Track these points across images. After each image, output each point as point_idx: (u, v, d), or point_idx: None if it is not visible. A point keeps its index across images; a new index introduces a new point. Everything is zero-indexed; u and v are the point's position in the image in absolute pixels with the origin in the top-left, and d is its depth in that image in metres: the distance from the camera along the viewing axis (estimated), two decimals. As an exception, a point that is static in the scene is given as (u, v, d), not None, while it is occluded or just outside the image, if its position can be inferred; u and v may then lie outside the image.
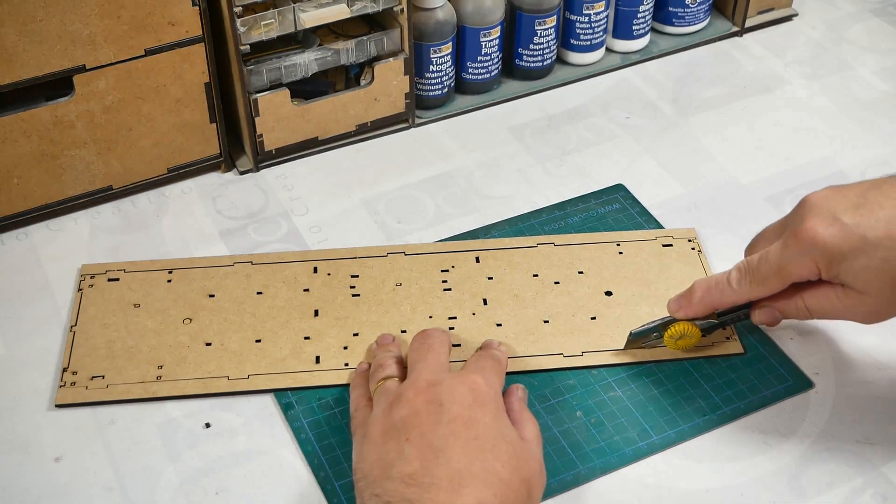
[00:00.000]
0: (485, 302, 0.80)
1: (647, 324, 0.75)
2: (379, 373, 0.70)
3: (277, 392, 0.75)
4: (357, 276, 0.82)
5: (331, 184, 0.93)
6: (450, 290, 0.81)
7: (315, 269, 0.82)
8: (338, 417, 0.73)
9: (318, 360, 0.76)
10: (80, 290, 0.80)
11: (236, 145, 0.95)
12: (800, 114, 1.00)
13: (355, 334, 0.78)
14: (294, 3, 0.87)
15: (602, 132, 0.98)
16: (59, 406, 0.73)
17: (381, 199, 0.91)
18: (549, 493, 0.69)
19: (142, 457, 0.71)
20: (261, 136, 0.92)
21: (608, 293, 0.80)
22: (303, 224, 0.89)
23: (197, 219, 0.89)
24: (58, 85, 0.83)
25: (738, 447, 0.72)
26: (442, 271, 0.82)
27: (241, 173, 0.94)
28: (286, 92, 0.90)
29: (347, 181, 0.93)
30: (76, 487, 0.69)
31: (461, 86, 1.01)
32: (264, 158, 0.93)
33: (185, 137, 0.90)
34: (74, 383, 0.74)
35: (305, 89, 0.92)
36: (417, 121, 0.99)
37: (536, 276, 0.82)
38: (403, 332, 0.77)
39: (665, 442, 0.72)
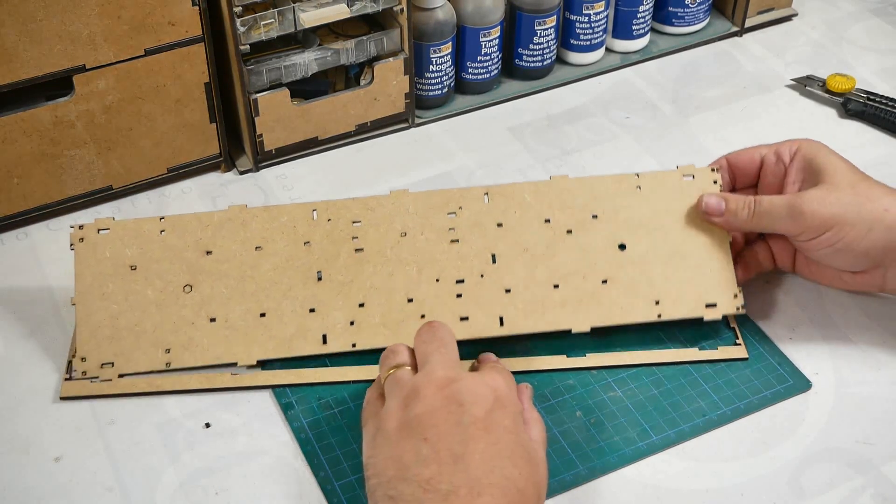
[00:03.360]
0: (493, 259, 0.77)
1: None
2: (390, 359, 0.68)
3: (277, 391, 0.75)
4: (359, 223, 0.78)
5: (331, 184, 0.93)
6: (457, 241, 0.77)
7: (314, 214, 0.78)
8: (338, 417, 0.73)
9: (324, 339, 0.75)
10: (72, 247, 0.77)
11: (236, 145, 0.95)
12: (799, 114, 1.00)
13: (361, 305, 0.76)
14: (294, 3, 0.87)
15: (602, 132, 0.98)
16: (63, 399, 0.74)
17: (381, 199, 0.91)
18: (549, 493, 0.68)
19: (142, 457, 0.71)
20: (261, 135, 0.92)
21: (622, 247, 0.78)
22: (303, 224, 0.89)
23: (197, 219, 0.89)
24: (58, 85, 0.83)
25: (738, 447, 0.72)
26: (448, 214, 0.78)
27: (241, 173, 0.94)
28: (286, 92, 0.90)
29: (347, 181, 0.93)
30: (76, 487, 0.69)
31: (461, 86, 1.01)
32: (264, 158, 0.93)
33: (185, 137, 0.90)
34: (86, 372, 0.74)
35: (305, 89, 0.92)
36: (417, 121, 0.99)
37: (548, 221, 0.78)
38: (410, 300, 0.76)
39: (665, 442, 0.72)
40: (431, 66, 0.96)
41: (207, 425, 0.73)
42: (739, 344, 0.77)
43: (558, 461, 0.70)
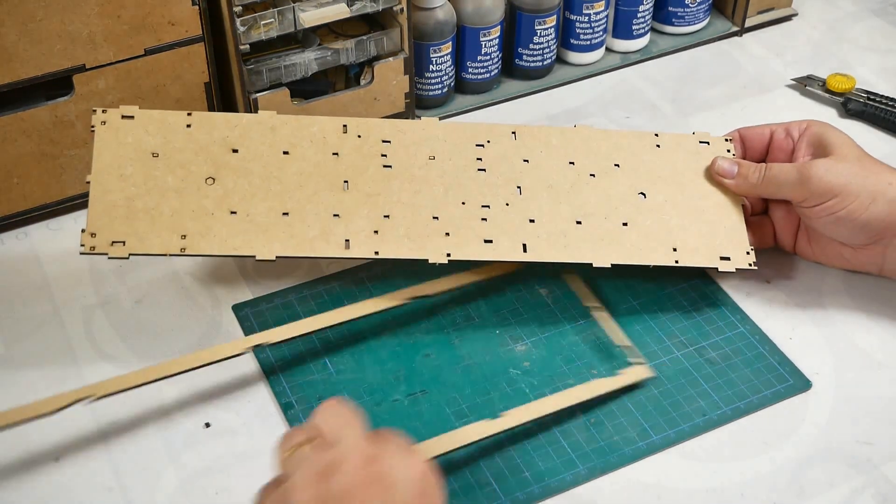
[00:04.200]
0: (519, 191, 0.77)
1: None
2: (289, 440, 0.58)
3: (277, 391, 0.75)
4: (389, 143, 0.77)
5: (331, 184, 0.93)
6: (484, 170, 0.78)
7: (345, 129, 0.78)
8: (338, 417, 0.73)
9: (347, 244, 0.74)
10: (92, 129, 0.75)
11: (236, 145, 0.95)
12: (799, 114, 1.00)
13: (386, 216, 0.75)
14: (294, 2, 0.87)
15: (602, 132, 0.98)
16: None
17: (381, 198, 0.91)
18: (549, 493, 0.69)
19: (142, 457, 0.71)
20: (261, 135, 0.91)
21: (642, 194, 0.79)
22: (303, 224, 0.89)
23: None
24: (58, 85, 0.83)
25: (738, 447, 0.72)
26: (477, 146, 0.79)
27: (241, 173, 0.94)
28: (286, 92, 0.90)
29: (347, 181, 0.93)
30: (76, 487, 0.69)
31: (461, 85, 1.01)
32: (264, 158, 0.93)
33: (184, 137, 0.90)
34: (94, 248, 0.72)
35: (305, 89, 0.92)
36: (417, 121, 0.99)
37: (573, 163, 0.79)
38: (435, 218, 0.75)
39: (665, 442, 0.72)
40: (431, 66, 0.96)
41: (207, 425, 0.73)
42: (642, 363, 0.76)
43: (558, 461, 0.70)
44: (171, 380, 0.72)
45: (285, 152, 0.76)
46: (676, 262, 0.77)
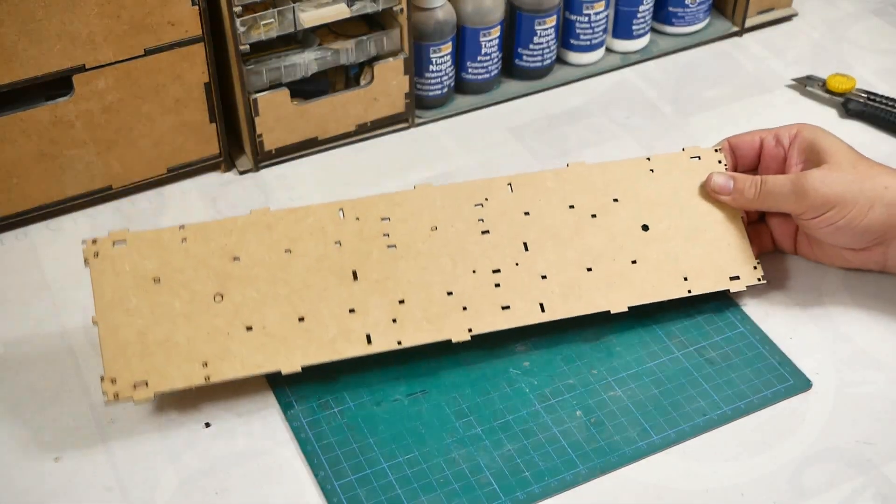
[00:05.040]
0: (525, 247, 0.77)
1: None
2: None
3: (277, 391, 0.74)
4: (388, 220, 0.76)
5: (331, 184, 0.93)
6: (487, 232, 0.77)
7: (342, 213, 0.76)
8: (337, 417, 0.73)
9: (368, 339, 0.73)
10: (86, 264, 0.72)
11: (236, 145, 0.95)
12: (799, 114, 1.00)
13: (401, 301, 0.74)
14: (294, 3, 0.87)
15: (602, 132, 0.98)
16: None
17: (381, 199, 0.91)
18: (549, 493, 0.69)
19: (142, 457, 0.71)
20: (260, 135, 0.91)
21: (645, 227, 0.79)
22: (303, 224, 0.89)
23: (197, 219, 0.89)
24: (57, 85, 0.83)
25: (738, 447, 0.72)
26: (475, 206, 0.78)
27: (241, 173, 0.94)
28: (286, 92, 0.90)
29: (347, 181, 0.93)
30: (76, 487, 0.69)
31: (461, 86, 1.01)
32: (264, 158, 0.93)
33: (184, 137, 0.90)
34: (118, 395, 0.69)
35: (305, 89, 0.92)
36: (417, 121, 0.99)
37: (572, 207, 0.79)
38: (450, 293, 0.75)
39: (665, 442, 0.72)
40: (431, 66, 0.96)
41: (207, 425, 0.73)
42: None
43: (558, 461, 0.70)
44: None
45: (287, 250, 0.74)
46: (689, 291, 0.78)
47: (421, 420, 0.73)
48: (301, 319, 0.73)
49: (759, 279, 0.79)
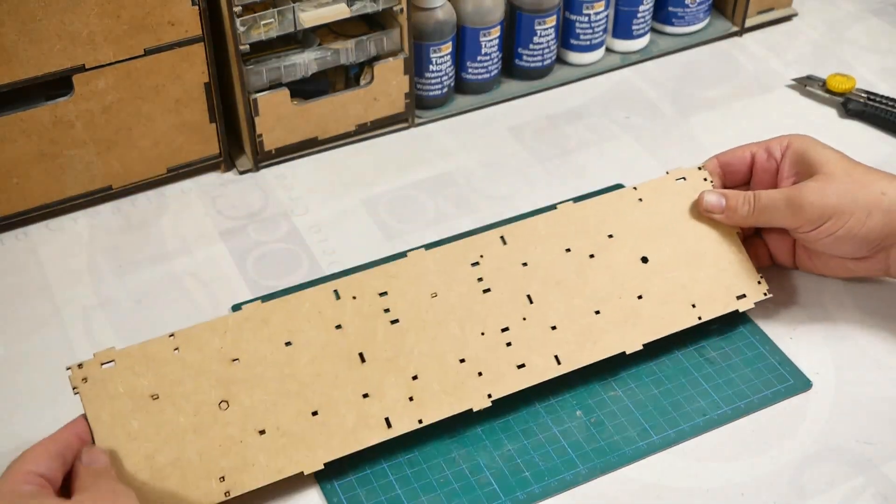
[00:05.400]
0: (530, 300, 0.75)
1: None
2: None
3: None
4: (386, 294, 0.73)
5: (331, 184, 0.93)
6: (489, 290, 0.75)
7: (337, 295, 0.73)
8: (338, 417, 0.73)
9: (388, 422, 0.70)
10: (76, 392, 0.67)
11: (236, 145, 0.95)
12: (799, 114, 1.00)
13: (415, 377, 0.71)
14: (294, 2, 0.87)
15: (602, 132, 0.98)
16: None
17: (381, 199, 0.91)
18: (549, 493, 0.69)
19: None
20: (260, 135, 0.91)
21: (644, 259, 0.78)
22: (302, 224, 0.89)
23: (196, 219, 0.89)
24: (57, 84, 0.83)
25: (738, 447, 0.72)
26: (472, 265, 0.75)
27: (241, 173, 0.94)
28: (286, 92, 0.90)
29: (347, 181, 0.93)
30: (76, 487, 0.69)
31: (461, 86, 1.01)
32: (264, 158, 0.93)
33: (184, 137, 0.90)
34: None
35: (305, 89, 0.92)
36: (417, 121, 0.99)
37: (569, 250, 0.77)
38: (462, 360, 0.72)
39: (665, 442, 0.72)
40: (431, 66, 0.96)
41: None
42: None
43: (558, 461, 0.70)
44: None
45: (288, 343, 0.70)
46: (700, 318, 0.77)
47: (421, 420, 0.73)
48: (315, 413, 0.69)
49: (764, 293, 0.78)
